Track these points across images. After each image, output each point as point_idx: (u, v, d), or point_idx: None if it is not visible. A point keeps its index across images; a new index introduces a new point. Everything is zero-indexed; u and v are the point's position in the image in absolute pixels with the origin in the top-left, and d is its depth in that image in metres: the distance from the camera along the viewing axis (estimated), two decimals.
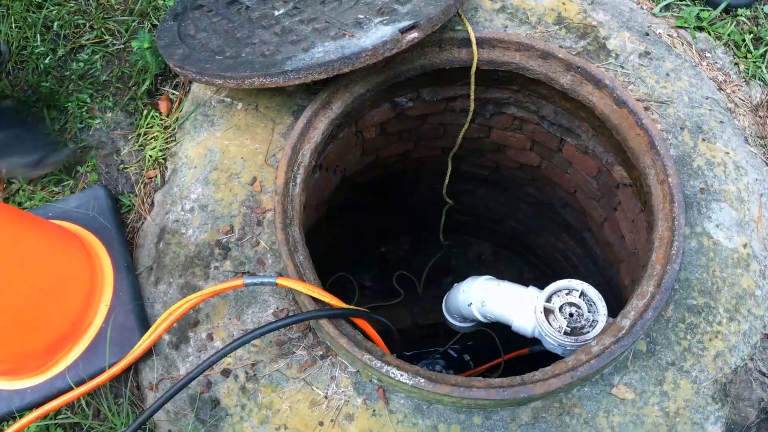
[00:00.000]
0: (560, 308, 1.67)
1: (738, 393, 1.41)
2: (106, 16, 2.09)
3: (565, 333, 1.62)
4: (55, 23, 2.08)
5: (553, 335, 1.63)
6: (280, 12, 1.71)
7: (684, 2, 1.98)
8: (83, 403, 1.53)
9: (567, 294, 1.69)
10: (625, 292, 2.00)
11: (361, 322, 1.51)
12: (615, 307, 1.64)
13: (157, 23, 2.06)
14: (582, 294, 1.67)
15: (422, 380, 1.32)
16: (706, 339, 1.45)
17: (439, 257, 3.47)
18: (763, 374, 1.43)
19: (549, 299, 1.69)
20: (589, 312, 1.65)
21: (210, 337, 1.51)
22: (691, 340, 1.44)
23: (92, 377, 1.48)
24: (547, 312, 1.67)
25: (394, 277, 3.40)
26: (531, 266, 3.40)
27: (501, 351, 2.79)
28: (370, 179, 2.44)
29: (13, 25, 2.08)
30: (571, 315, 1.66)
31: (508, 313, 1.88)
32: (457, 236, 3.56)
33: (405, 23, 1.50)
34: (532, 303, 1.76)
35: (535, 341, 2.06)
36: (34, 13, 2.11)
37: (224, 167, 1.70)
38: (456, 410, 1.39)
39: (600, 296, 1.66)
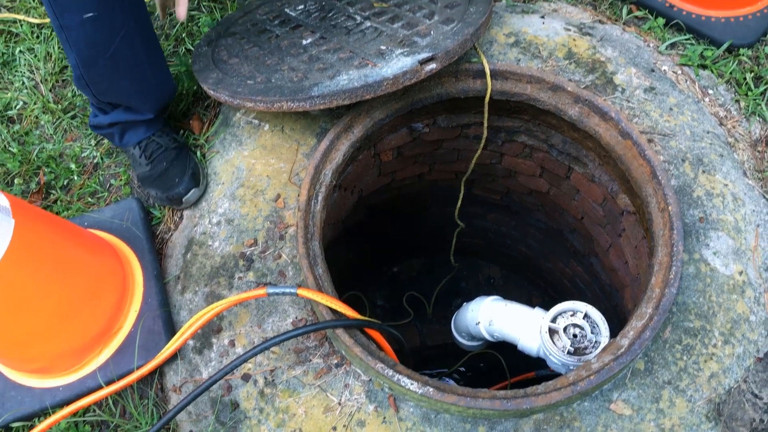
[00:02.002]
0: (564, 329, 1.74)
1: (731, 413, 1.48)
2: None
3: (569, 353, 1.69)
4: None
5: (556, 354, 1.70)
6: (308, 41, 1.83)
7: (689, 41, 2.08)
8: (110, 402, 1.62)
9: (571, 315, 1.76)
10: (629, 316, 2.07)
11: (375, 334, 1.60)
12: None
13: (191, 48, 2.19)
14: (586, 316, 1.74)
15: (431, 389, 1.40)
16: (701, 360, 1.52)
17: (449, 279, 3.54)
18: (756, 396, 1.49)
19: (554, 320, 1.77)
20: (592, 333, 1.73)
21: (232, 344, 1.60)
22: (687, 361, 1.52)
23: (120, 378, 1.57)
24: (552, 332, 1.74)
25: (404, 298, 3.48)
26: (539, 290, 3.46)
27: (507, 374, 2.85)
28: (385, 200, 2.54)
29: (56, 48, 2.22)
30: (574, 336, 1.73)
31: (515, 333, 1.95)
32: (468, 259, 3.62)
33: (424, 55, 1.61)
34: (537, 323, 1.84)
35: (540, 363, 2.13)
36: None
37: (250, 184, 1.80)
38: (462, 420, 1.47)
39: (603, 318, 1.73)
